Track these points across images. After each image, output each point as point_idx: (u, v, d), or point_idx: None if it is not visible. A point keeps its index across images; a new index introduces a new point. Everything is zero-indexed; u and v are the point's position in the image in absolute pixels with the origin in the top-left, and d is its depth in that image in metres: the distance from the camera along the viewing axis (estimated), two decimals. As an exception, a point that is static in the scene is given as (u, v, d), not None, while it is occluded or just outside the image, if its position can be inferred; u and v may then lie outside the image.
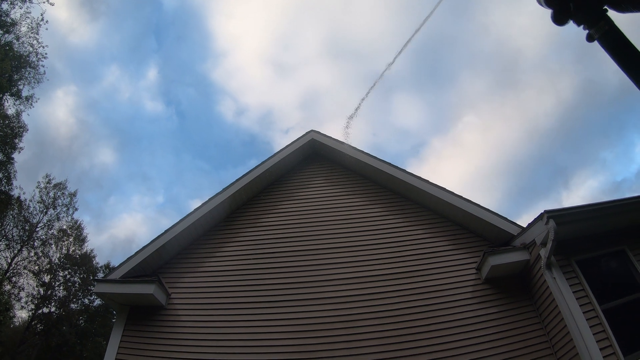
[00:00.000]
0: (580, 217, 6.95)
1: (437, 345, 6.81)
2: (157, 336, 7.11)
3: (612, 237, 7.46)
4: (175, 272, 7.86)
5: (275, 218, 8.68)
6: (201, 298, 7.46)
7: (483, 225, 8.07)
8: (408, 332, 6.95)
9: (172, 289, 7.54)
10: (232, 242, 8.33)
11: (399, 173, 8.75)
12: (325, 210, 8.73)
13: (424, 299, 7.34)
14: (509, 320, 7.11)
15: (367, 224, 8.47)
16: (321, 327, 7.01)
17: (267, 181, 9.19)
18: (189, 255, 8.12)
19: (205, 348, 6.86)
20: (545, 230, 6.55)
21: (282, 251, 8.07)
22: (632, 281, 7.23)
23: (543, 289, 6.95)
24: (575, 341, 6.25)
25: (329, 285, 7.53)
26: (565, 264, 6.85)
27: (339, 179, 9.40)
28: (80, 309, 30.54)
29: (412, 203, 8.81)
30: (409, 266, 7.78)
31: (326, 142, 9.48)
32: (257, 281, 7.63)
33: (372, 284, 7.54)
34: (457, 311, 7.18)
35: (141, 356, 6.90)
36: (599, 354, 6.03)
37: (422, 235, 8.35)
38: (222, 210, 8.54)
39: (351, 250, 8.02)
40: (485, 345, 6.80)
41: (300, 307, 7.26)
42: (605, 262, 7.45)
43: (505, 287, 7.49)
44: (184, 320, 7.24)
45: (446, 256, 7.96)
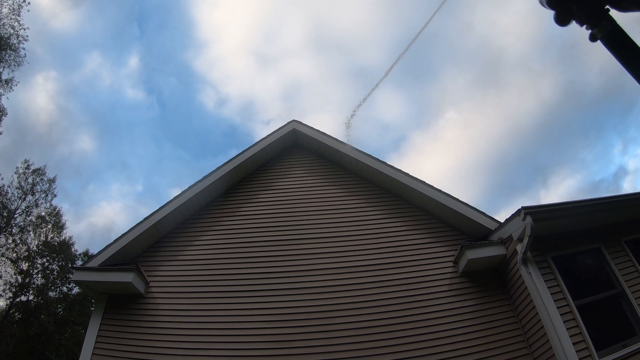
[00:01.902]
0: (556, 214, 7.07)
1: (413, 336, 6.91)
2: (136, 325, 7.07)
3: (588, 235, 7.61)
4: (154, 261, 7.81)
5: (254, 207, 8.66)
6: (180, 287, 7.44)
7: (461, 219, 8.19)
8: (385, 324, 7.03)
9: (151, 278, 7.49)
10: (211, 231, 8.30)
11: (378, 165, 8.81)
12: (305, 200, 8.75)
13: (401, 290, 7.43)
14: (484, 313, 7.24)
15: (346, 215, 8.53)
16: (298, 317, 7.05)
17: (248, 170, 9.16)
18: (168, 243, 8.07)
19: (184, 337, 6.84)
20: (522, 226, 6.65)
21: (260, 241, 8.06)
22: (607, 278, 7.39)
23: (519, 283, 7.07)
24: (549, 336, 6.38)
25: (306, 275, 7.57)
26: (541, 260, 6.97)
27: (319, 169, 9.42)
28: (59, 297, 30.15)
29: (392, 195, 8.89)
30: (386, 258, 7.86)
31: (307, 132, 9.48)
32: (235, 270, 7.62)
33: (350, 275, 7.61)
34: (433, 303, 7.29)
35: (120, 345, 6.85)
36: (572, 348, 6.16)
37: (400, 227, 8.43)
38: (202, 198, 8.48)
39: (329, 241, 8.08)
40: (461, 337, 6.92)
41: (277, 296, 7.28)
42: (581, 259, 7.61)
43: (482, 281, 7.62)
44: (162, 309, 7.21)
45: (424, 249, 8.07)
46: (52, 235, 31.19)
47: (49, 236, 30.94)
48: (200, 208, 8.57)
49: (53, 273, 30.04)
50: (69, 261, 30.15)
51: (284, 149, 9.73)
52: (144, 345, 6.81)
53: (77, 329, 28.93)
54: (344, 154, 9.07)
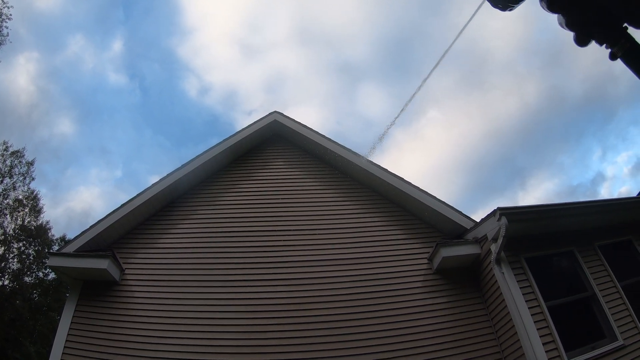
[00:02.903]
0: (531, 216, 7.19)
1: (386, 331, 6.99)
2: (110, 312, 7.00)
3: (562, 238, 7.74)
4: (130, 248, 7.74)
5: (233, 197, 8.63)
6: (155, 275, 7.38)
7: (437, 217, 8.28)
8: (359, 317, 7.10)
9: (127, 265, 7.42)
10: (188, 219, 8.25)
11: (357, 159, 8.83)
12: (284, 192, 8.74)
13: (375, 285, 7.51)
14: (457, 310, 7.34)
15: (324, 208, 8.57)
16: (273, 308, 7.07)
17: (227, 160, 9.10)
18: (145, 231, 7.99)
19: (158, 325, 6.80)
20: (497, 226, 6.75)
21: (238, 231, 8.05)
22: (578, 281, 7.53)
23: (492, 282, 7.18)
24: (520, 335, 6.49)
25: (282, 267, 7.58)
26: (515, 260, 7.08)
27: (299, 161, 9.43)
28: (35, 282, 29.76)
29: (370, 191, 8.95)
30: (362, 252, 7.94)
31: (288, 124, 9.46)
32: (211, 260, 7.60)
33: (325, 268, 7.66)
34: (407, 299, 7.38)
35: (94, 332, 6.79)
36: (541, 348, 6.27)
37: (377, 222, 8.51)
38: (180, 186, 8.40)
39: (306, 233, 8.10)
40: (433, 333, 7.02)
41: (252, 287, 7.30)
42: (554, 262, 7.74)
43: (456, 279, 7.72)
44: (137, 297, 7.16)
45: (399, 245, 8.15)
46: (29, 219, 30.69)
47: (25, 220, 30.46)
48: (179, 196, 8.49)
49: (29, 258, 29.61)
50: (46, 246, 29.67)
51: (265, 139, 9.70)
52: (118, 333, 6.76)
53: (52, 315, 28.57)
54: (324, 147, 9.10)
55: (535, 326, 6.47)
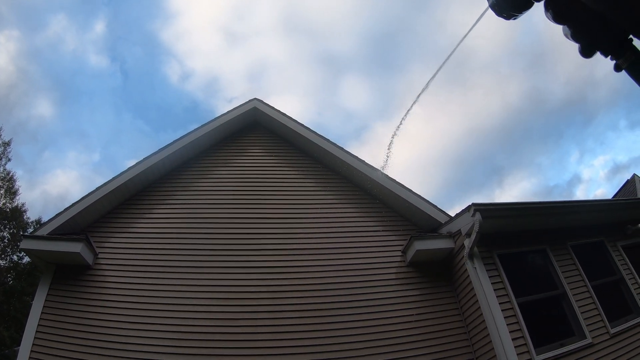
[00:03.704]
0: (506, 213, 7.28)
1: (358, 321, 7.05)
2: (83, 296, 6.91)
3: (535, 236, 7.86)
4: (105, 232, 7.63)
5: (209, 183, 8.58)
6: (129, 259, 7.30)
7: (413, 210, 8.35)
8: (331, 307, 7.15)
9: (100, 249, 7.34)
10: (164, 204, 8.18)
11: (336, 150, 8.88)
12: (260, 180, 8.71)
13: (348, 275, 7.56)
14: (429, 303, 7.43)
15: (300, 197, 8.58)
16: (246, 295, 7.08)
17: (205, 145, 9.02)
18: (120, 215, 7.90)
19: (130, 310, 6.75)
20: (472, 221, 6.81)
21: (213, 217, 8.01)
22: (550, 279, 7.64)
23: (464, 277, 7.26)
24: (490, 330, 6.58)
25: (256, 254, 7.58)
26: (487, 256, 7.17)
27: (277, 150, 9.41)
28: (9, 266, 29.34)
29: (347, 181, 8.99)
30: (336, 242, 7.98)
31: (268, 112, 9.41)
32: (186, 246, 7.55)
33: (300, 256, 7.68)
34: (379, 290, 7.45)
35: (66, 316, 6.70)
36: (510, 343, 6.36)
37: (353, 213, 8.56)
38: (157, 171, 8.32)
39: (281, 221, 8.11)
40: (404, 325, 7.10)
41: (227, 274, 7.29)
42: (526, 259, 7.86)
43: (428, 272, 7.81)
44: (110, 282, 7.08)
45: (374, 236, 8.21)
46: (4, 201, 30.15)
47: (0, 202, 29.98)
48: (155, 180, 8.41)
49: (4, 240, 29.13)
50: (21, 229, 29.20)
51: (244, 126, 9.63)
52: (91, 318, 6.68)
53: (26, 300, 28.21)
54: (303, 136, 9.10)
55: (505, 322, 6.56)
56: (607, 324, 7.49)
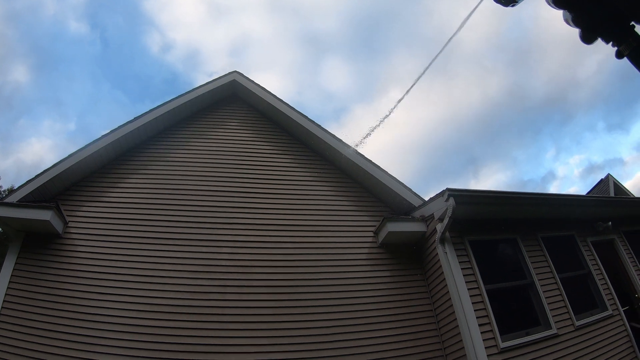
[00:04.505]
0: (479, 200, 7.35)
1: (328, 299, 7.11)
2: (52, 265, 6.78)
3: (507, 225, 7.96)
4: (76, 200, 7.49)
5: (184, 155, 8.46)
6: (99, 229, 7.18)
7: (387, 191, 8.41)
8: (301, 284, 7.19)
9: (71, 218, 7.21)
10: (137, 174, 8.04)
11: (313, 127, 8.88)
12: (236, 153, 8.65)
13: (320, 253, 7.61)
14: (398, 285, 7.50)
15: (275, 173, 8.54)
16: (216, 269, 7.05)
17: (182, 116, 8.90)
18: (91, 183, 7.74)
19: (99, 280, 6.65)
20: (445, 206, 6.86)
21: (187, 189, 7.92)
22: (519, 269, 7.75)
23: (434, 261, 7.33)
24: (457, 314, 6.66)
25: (229, 228, 7.54)
26: (459, 242, 7.24)
27: (254, 124, 9.33)
28: (-21, 236, 28.87)
29: (322, 160, 9.01)
30: (309, 220, 8.00)
31: (248, 85, 9.33)
32: (158, 216, 7.47)
33: (272, 232, 7.67)
34: (350, 270, 7.50)
35: (35, 285, 6.57)
36: (477, 328, 6.46)
37: (327, 192, 8.57)
38: (131, 140, 8.18)
39: (256, 196, 8.07)
40: (373, 305, 7.17)
41: (197, 246, 7.24)
42: (497, 247, 7.94)
43: (400, 254, 7.89)
44: (80, 251, 6.96)
45: (347, 216, 8.25)
46: (-25, 169, 29.64)
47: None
48: (129, 149, 8.25)
49: (-25, 211, 28.57)
50: (-7, 198, 28.73)
51: (222, 99, 9.52)
52: (59, 288, 6.58)
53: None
54: (281, 112, 9.05)
55: (473, 307, 6.65)
56: (573, 316, 7.63)
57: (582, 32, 1.56)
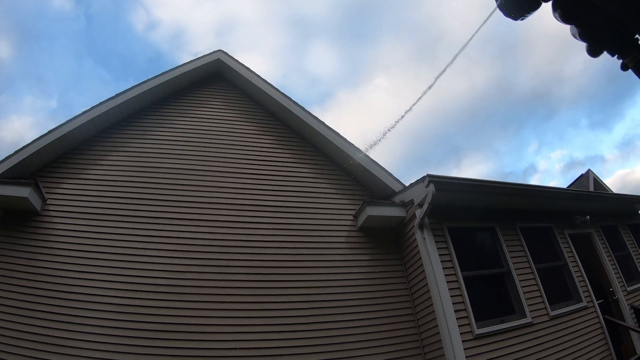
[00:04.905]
0: (459, 187, 7.39)
1: (305, 281, 7.15)
2: (29, 243, 6.67)
3: (486, 214, 8.05)
4: (55, 178, 7.37)
5: (165, 133, 8.36)
6: (78, 207, 7.09)
7: (368, 176, 8.46)
8: (279, 265, 7.21)
9: (50, 195, 7.10)
10: (118, 151, 7.91)
11: (296, 109, 8.86)
12: (218, 133, 8.58)
13: (299, 234, 7.63)
14: (376, 269, 7.57)
15: (256, 154, 8.51)
16: (195, 248, 7.02)
17: (164, 94, 8.78)
18: (71, 160, 7.61)
19: (78, 259, 6.58)
20: (425, 192, 6.92)
21: (167, 167, 7.85)
22: (496, 257, 7.84)
23: (412, 246, 7.40)
24: (434, 299, 6.73)
25: (209, 208, 7.52)
26: (437, 228, 7.30)
27: (237, 104, 9.26)
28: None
29: (304, 141, 9.03)
30: (289, 201, 8.01)
31: (233, 65, 9.25)
32: (137, 195, 7.40)
33: (252, 213, 7.66)
34: (329, 252, 7.56)
35: (11, 263, 6.45)
36: (453, 314, 6.53)
37: (308, 174, 8.59)
38: (112, 116, 8.05)
39: (236, 176, 8.04)
40: (350, 288, 7.23)
41: (177, 225, 7.20)
42: (475, 235, 8.04)
43: (378, 239, 7.96)
44: (58, 229, 6.88)
45: (327, 199, 8.28)
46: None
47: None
48: (110, 126, 8.13)
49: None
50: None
51: (206, 78, 9.43)
52: (36, 266, 6.49)
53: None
54: (265, 92, 9.01)
55: (449, 293, 6.71)
56: (548, 306, 7.76)
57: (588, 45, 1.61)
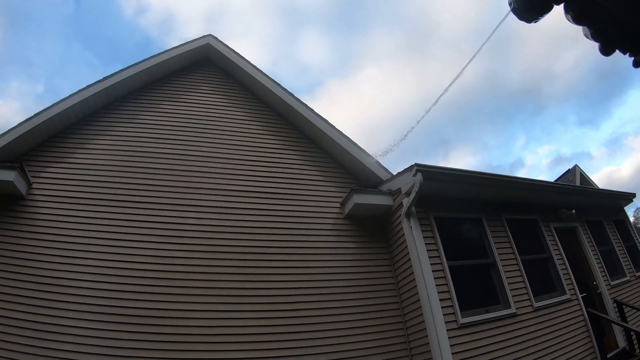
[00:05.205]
0: (446, 177, 7.43)
1: (291, 268, 7.18)
2: (14, 228, 6.61)
3: (473, 205, 8.13)
4: (41, 161, 7.28)
5: (153, 117, 8.28)
6: (64, 191, 7.03)
7: (356, 164, 8.49)
8: (266, 251, 7.22)
9: (35, 179, 7.02)
10: (105, 135, 7.82)
11: (285, 95, 8.84)
12: (206, 118, 8.53)
13: (285, 221, 7.64)
14: (362, 257, 7.61)
15: (244, 139, 8.47)
16: (182, 233, 7.00)
17: (152, 78, 8.68)
18: (57, 144, 7.52)
19: (63, 244, 6.53)
20: (412, 181, 6.95)
21: (154, 151, 7.78)
22: (482, 247, 7.91)
23: (399, 235, 7.43)
24: (419, 288, 6.78)
25: (196, 193, 7.48)
26: (424, 217, 7.34)
27: (226, 89, 9.20)
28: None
29: (293, 129, 9.02)
30: (277, 187, 8.00)
31: (222, 50, 9.19)
32: (124, 179, 7.33)
33: (239, 198, 7.65)
34: (315, 239, 7.58)
35: None
36: (438, 303, 6.59)
37: (296, 160, 8.58)
38: (99, 100, 7.94)
39: (224, 162, 8.00)
40: (336, 276, 7.27)
41: (164, 210, 7.16)
42: (462, 225, 8.09)
43: (365, 227, 8.00)
44: (43, 213, 6.82)
45: (314, 185, 8.30)
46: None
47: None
48: (97, 110, 8.03)
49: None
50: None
51: (195, 62, 9.36)
52: (21, 251, 6.43)
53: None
54: (254, 78, 8.97)
55: (435, 282, 6.76)
56: (532, 297, 7.85)
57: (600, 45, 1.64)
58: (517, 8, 1.56)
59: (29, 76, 73.51)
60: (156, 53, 8.47)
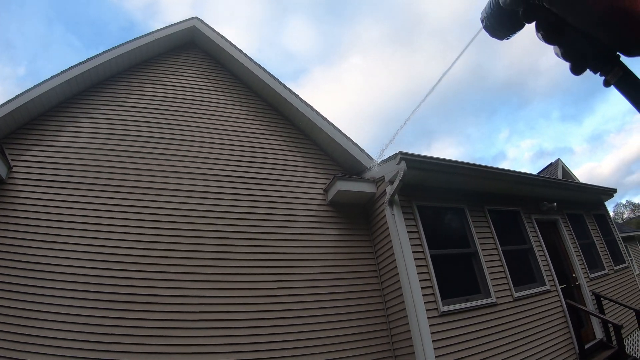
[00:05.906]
0: (430, 166, 7.49)
1: (273, 254, 7.18)
2: None
3: (456, 195, 8.20)
4: (21, 144, 7.09)
5: (137, 100, 8.14)
6: (45, 174, 6.89)
7: (340, 150, 8.52)
8: (248, 237, 7.22)
9: (16, 162, 6.89)
10: (87, 118, 7.68)
11: (271, 80, 8.82)
12: (191, 102, 8.44)
13: (269, 206, 7.65)
14: (345, 244, 7.65)
15: (228, 124, 8.42)
16: (163, 218, 6.95)
17: (136, 60, 8.54)
18: (38, 127, 7.36)
19: (43, 228, 6.44)
20: (396, 169, 6.99)
21: (137, 135, 7.68)
22: (464, 237, 7.99)
23: (382, 222, 7.48)
24: (401, 275, 6.85)
25: (179, 177, 7.42)
26: (407, 206, 7.39)
27: (211, 73, 9.12)
28: None
29: (277, 114, 9.00)
30: (260, 172, 7.99)
31: (208, 33, 9.10)
32: (106, 163, 7.23)
33: (221, 183, 7.62)
34: (298, 225, 7.60)
35: None
36: (419, 291, 6.66)
37: (279, 146, 8.57)
38: (82, 82, 7.78)
39: (207, 146, 7.95)
40: (319, 262, 7.29)
41: (145, 194, 7.09)
42: (444, 215, 8.16)
43: (348, 214, 8.05)
44: (24, 197, 6.72)
45: (298, 171, 8.31)
46: None
47: None
48: (79, 92, 7.87)
49: None
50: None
51: (180, 45, 9.24)
52: (2, 237, 6.39)
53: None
54: (239, 62, 8.92)
55: (416, 270, 6.83)
56: (512, 287, 7.96)
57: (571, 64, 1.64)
58: (488, 26, 1.58)
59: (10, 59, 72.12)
60: (140, 35, 8.34)
